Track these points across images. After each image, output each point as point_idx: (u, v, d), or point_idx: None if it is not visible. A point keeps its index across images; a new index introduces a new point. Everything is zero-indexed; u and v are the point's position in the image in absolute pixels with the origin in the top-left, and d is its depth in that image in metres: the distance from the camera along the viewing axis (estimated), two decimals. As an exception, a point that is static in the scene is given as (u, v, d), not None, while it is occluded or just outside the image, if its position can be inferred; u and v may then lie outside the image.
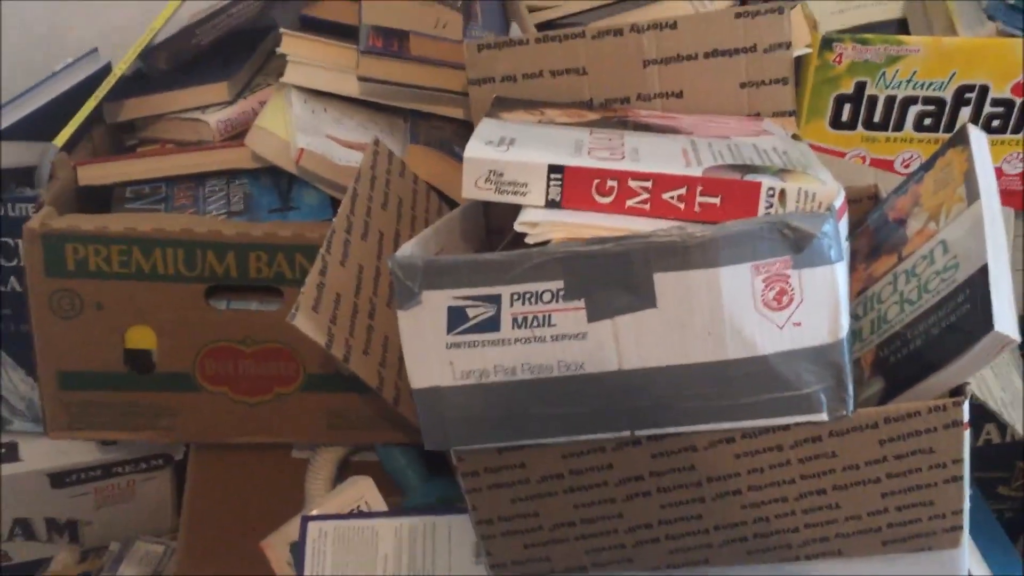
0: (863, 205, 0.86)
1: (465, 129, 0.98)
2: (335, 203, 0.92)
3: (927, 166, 0.76)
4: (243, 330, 0.87)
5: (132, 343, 0.87)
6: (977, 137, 0.73)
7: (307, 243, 0.85)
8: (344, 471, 0.93)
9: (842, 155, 0.94)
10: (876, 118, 0.92)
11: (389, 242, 0.81)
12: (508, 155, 0.69)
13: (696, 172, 0.68)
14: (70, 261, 0.83)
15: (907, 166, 0.94)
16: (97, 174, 0.95)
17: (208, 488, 0.94)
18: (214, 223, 0.87)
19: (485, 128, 0.75)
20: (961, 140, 0.73)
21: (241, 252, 0.85)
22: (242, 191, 0.95)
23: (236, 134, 1.01)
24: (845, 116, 0.92)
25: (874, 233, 0.79)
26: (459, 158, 0.92)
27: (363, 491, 0.89)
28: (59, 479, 1.01)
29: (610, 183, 0.69)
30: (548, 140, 0.74)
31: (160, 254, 0.84)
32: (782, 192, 0.66)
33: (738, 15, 0.83)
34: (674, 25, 0.83)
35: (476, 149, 0.70)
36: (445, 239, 0.77)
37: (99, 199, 0.96)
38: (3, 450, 1.00)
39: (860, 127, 0.93)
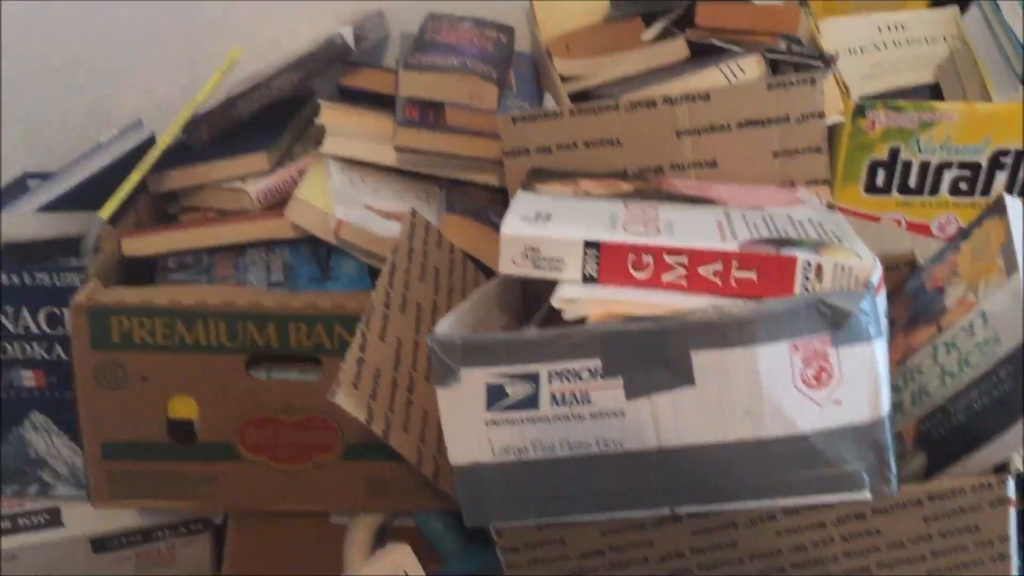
0: (900, 272, 0.86)
1: (500, 196, 0.99)
2: (373, 272, 0.94)
3: (964, 235, 0.76)
4: (283, 400, 0.88)
5: (175, 413, 0.88)
6: (1014, 207, 0.73)
7: (346, 314, 0.86)
8: (382, 537, 0.93)
9: (877, 219, 0.94)
10: (911, 183, 0.92)
11: (427, 314, 0.81)
12: (544, 231, 0.70)
13: (732, 247, 0.68)
14: (115, 333, 0.85)
15: (943, 230, 0.94)
16: (141, 245, 0.97)
17: (247, 554, 0.95)
18: (255, 294, 0.88)
19: (521, 202, 0.76)
20: (998, 210, 0.73)
21: (281, 323, 0.86)
22: (282, 260, 0.96)
23: (276, 202, 1.03)
24: (880, 181, 0.92)
25: (912, 301, 0.79)
26: (494, 226, 0.94)
27: (401, 558, 0.89)
28: (101, 544, 1.02)
29: (646, 258, 0.69)
30: (583, 214, 0.75)
31: (203, 326, 0.85)
32: (818, 267, 0.67)
33: (771, 86, 0.84)
34: (707, 96, 0.84)
35: (512, 225, 0.71)
36: (482, 311, 0.78)
37: (143, 268, 0.98)
38: (46, 516, 1.01)
39: (895, 192, 0.93)
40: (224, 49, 1.17)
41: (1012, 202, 0.73)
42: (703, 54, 0.95)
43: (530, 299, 0.89)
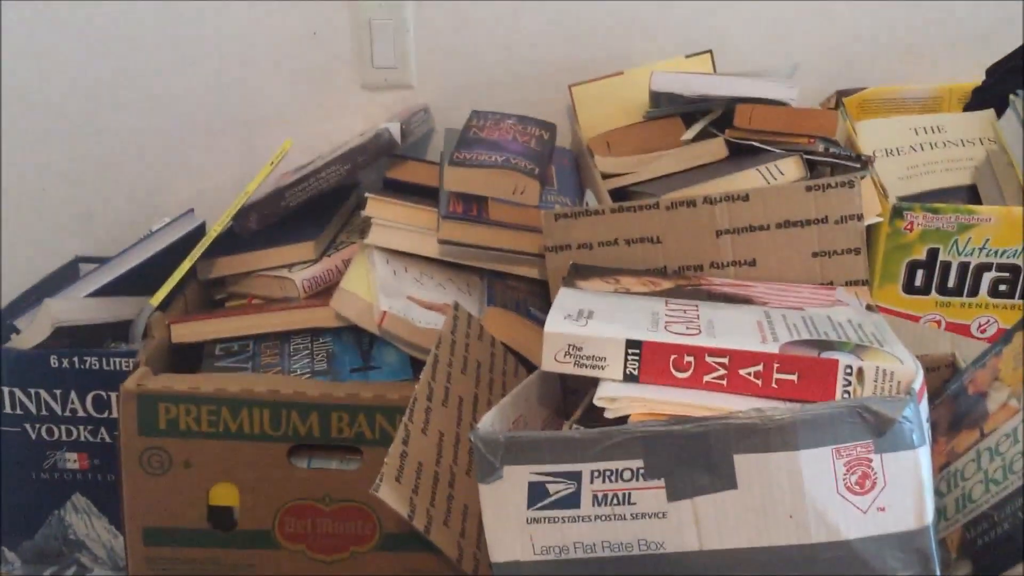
0: (941, 373, 0.86)
1: (540, 288, 1.01)
2: (415, 362, 0.95)
3: (1006, 339, 0.76)
4: (323, 489, 0.89)
5: (216, 500, 0.89)
6: (1056, 313, 0.73)
7: (388, 404, 0.87)
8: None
9: (917, 319, 0.94)
10: (950, 284, 0.93)
11: (469, 407, 0.82)
12: (587, 330, 0.72)
13: (772, 348, 0.69)
14: (162, 420, 0.87)
15: (983, 331, 0.94)
16: (189, 332, 0.99)
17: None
18: (299, 383, 0.90)
19: (563, 300, 0.78)
20: (1039, 316, 0.74)
21: (324, 412, 0.87)
22: (325, 349, 0.98)
23: (320, 291, 1.06)
24: (919, 281, 0.93)
25: (954, 405, 0.79)
26: (534, 319, 0.96)
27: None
28: (135, 628, 1.02)
29: (687, 359, 0.70)
30: (625, 312, 0.76)
31: (247, 414, 0.87)
32: (860, 370, 0.67)
33: (809, 188, 0.86)
34: (746, 197, 0.86)
35: (555, 324, 0.72)
36: (523, 406, 0.79)
37: (191, 353, 1.00)
38: (83, 598, 1.02)
39: (934, 292, 0.93)
40: (275, 141, 1.21)
41: (1053, 308, 0.74)
42: (742, 154, 0.97)
43: (568, 392, 0.89)
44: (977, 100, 1.09)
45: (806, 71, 1.15)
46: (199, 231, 1.13)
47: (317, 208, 1.12)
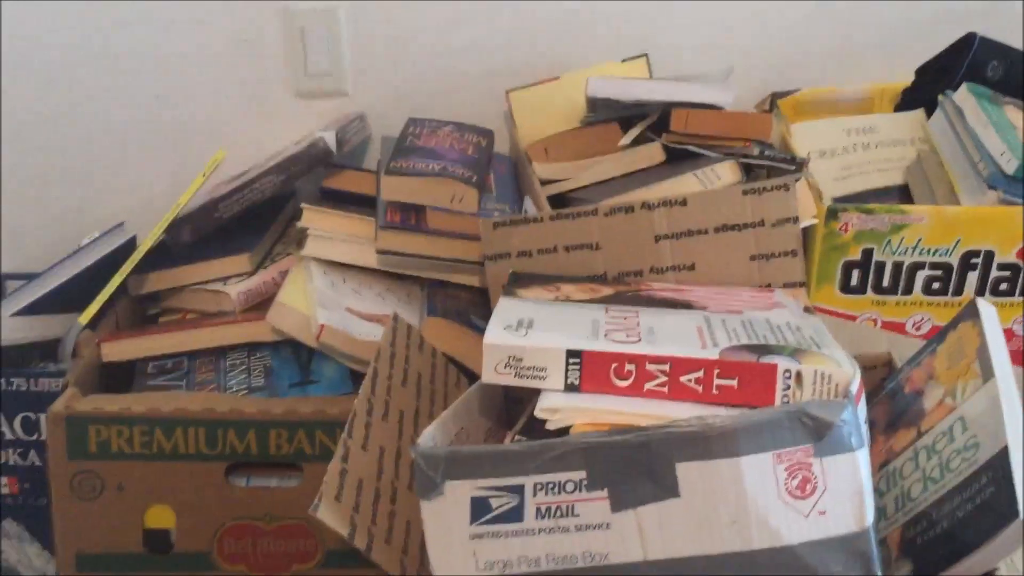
0: (878, 372, 0.87)
1: (480, 296, 1.00)
2: (354, 375, 0.94)
3: (940, 338, 0.77)
4: (263, 507, 0.87)
5: (152, 523, 0.86)
6: (987, 311, 0.74)
7: (327, 419, 0.86)
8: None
9: (853, 318, 0.95)
10: (885, 283, 0.94)
11: (410, 421, 0.81)
12: (527, 340, 0.71)
13: (712, 355, 0.69)
14: (92, 443, 0.84)
15: (918, 328, 0.95)
16: (120, 350, 0.96)
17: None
18: (235, 401, 0.88)
19: (503, 310, 0.77)
20: (971, 314, 0.75)
21: (262, 430, 0.85)
22: (263, 364, 0.96)
23: (256, 304, 1.03)
24: (854, 281, 0.94)
25: (891, 404, 0.80)
26: (475, 328, 0.95)
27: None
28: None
29: (628, 367, 0.70)
30: (565, 321, 0.75)
31: (182, 434, 0.85)
32: (798, 374, 0.67)
33: (745, 192, 0.86)
34: (684, 202, 0.86)
35: (495, 335, 0.71)
36: (464, 418, 0.78)
37: (123, 372, 0.97)
38: (14, 628, 0.99)
39: (870, 291, 0.94)
40: (206, 151, 1.19)
41: (985, 306, 0.75)
42: (679, 159, 0.97)
43: (511, 401, 0.89)
44: (907, 100, 1.10)
45: (740, 73, 1.16)
46: (129, 245, 1.10)
47: (252, 219, 1.10)
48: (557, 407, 0.69)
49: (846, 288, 0.94)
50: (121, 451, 0.84)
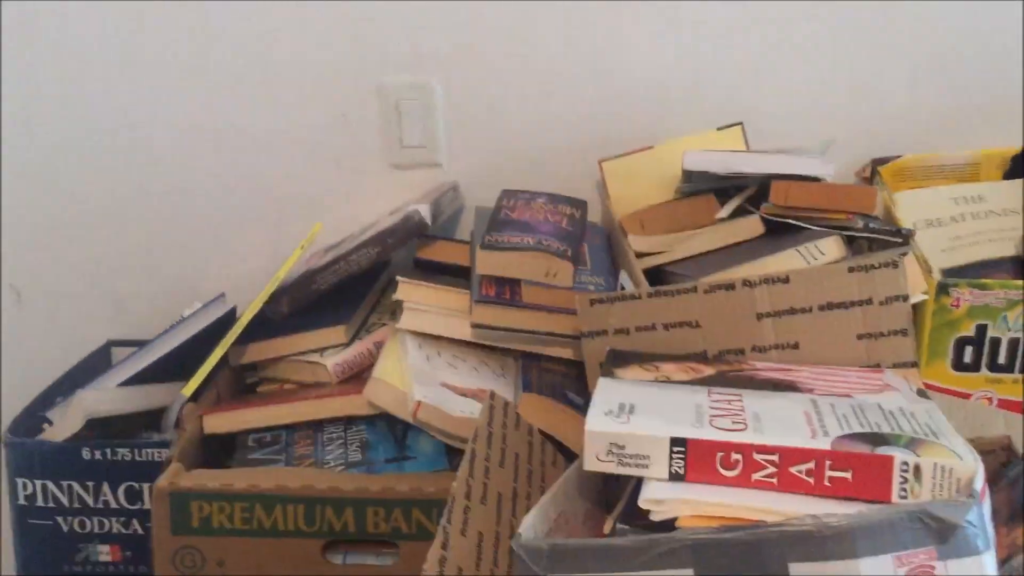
0: (996, 456, 0.83)
1: (575, 369, 0.99)
2: (450, 450, 0.93)
3: (1065, 426, 0.73)
4: (358, 585, 0.87)
5: (250, 599, 0.87)
6: (1117, 399, 0.70)
7: (424, 497, 0.85)
8: None
9: (967, 396, 0.91)
10: (1000, 360, 0.90)
11: (508, 503, 0.80)
12: (629, 427, 0.69)
13: (824, 445, 0.66)
14: (195, 518, 0.85)
15: (1037, 408, 0.91)
16: (221, 423, 0.98)
17: None
18: (333, 478, 0.88)
19: (602, 392, 0.76)
20: (1100, 402, 0.71)
21: (359, 508, 0.85)
22: (359, 439, 0.96)
23: (352, 375, 1.04)
24: (968, 358, 0.90)
25: (1012, 492, 0.76)
26: (571, 404, 0.94)
27: None
28: None
29: (735, 456, 0.67)
30: (667, 405, 0.74)
31: (281, 511, 0.85)
32: (917, 467, 0.64)
33: (851, 269, 0.83)
34: (787, 279, 0.84)
35: (597, 422, 0.70)
36: (563, 502, 0.76)
37: (224, 442, 0.99)
38: None
39: (984, 369, 0.90)
40: (303, 223, 1.22)
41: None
42: (778, 232, 0.95)
43: (609, 478, 0.87)
44: (1017, 167, 1.07)
45: (839, 139, 1.14)
46: (230, 316, 1.12)
47: (347, 290, 1.11)
48: (662, 498, 0.67)
49: (959, 365, 0.91)
50: (222, 527, 0.85)
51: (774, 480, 0.67)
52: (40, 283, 1.28)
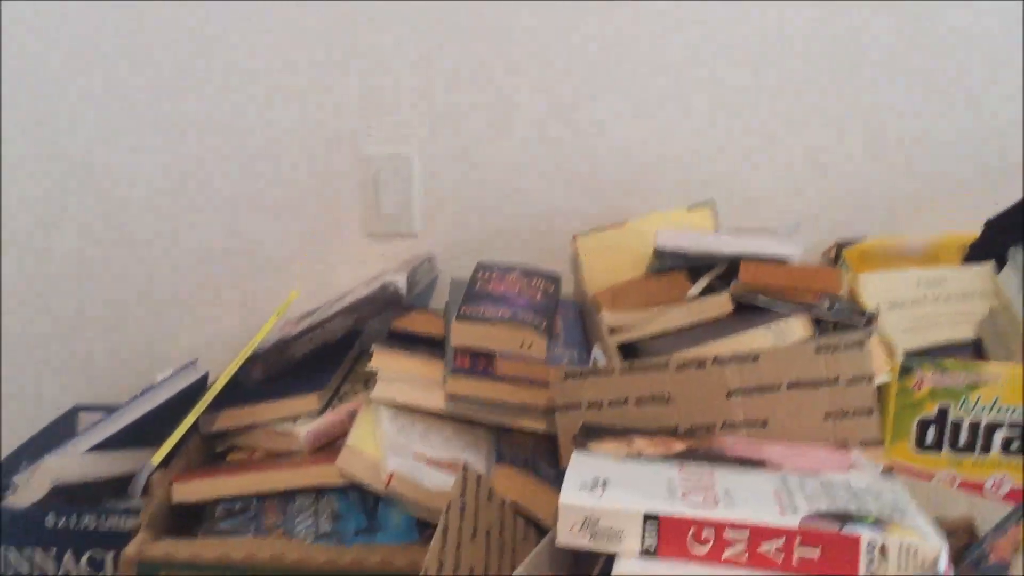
0: (958, 538, 0.84)
1: (548, 442, 1.00)
2: (421, 524, 0.93)
3: (1025, 507, 0.75)
4: (328, 658, 0.86)
5: (215, 673, 0.85)
6: (1075, 482, 0.72)
7: (394, 571, 0.85)
8: None
9: (930, 477, 0.93)
10: (961, 441, 0.92)
11: (480, 578, 0.80)
12: (603, 501, 0.70)
13: (793, 522, 0.68)
14: (162, 588, 0.84)
15: (998, 488, 0.93)
16: (191, 491, 0.97)
17: None
18: (304, 549, 0.88)
19: (577, 466, 0.77)
20: (1059, 484, 0.73)
21: (330, 580, 0.85)
22: (330, 509, 0.96)
23: (324, 444, 1.04)
24: (930, 439, 0.92)
25: (975, 573, 0.77)
26: (544, 477, 0.94)
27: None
28: None
29: (706, 532, 0.68)
30: (640, 481, 0.75)
31: (250, 582, 0.84)
32: (883, 547, 0.66)
33: (818, 349, 0.86)
34: (756, 358, 0.86)
35: (571, 495, 0.71)
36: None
37: (193, 510, 0.98)
38: None
39: (946, 449, 0.92)
40: (278, 287, 1.22)
41: (1072, 476, 0.73)
42: (748, 310, 0.98)
43: (582, 556, 0.87)
44: (976, 252, 1.10)
45: (806, 221, 1.17)
46: (202, 383, 1.12)
47: (321, 357, 1.12)
48: (634, 575, 0.68)
49: (922, 445, 0.93)
50: (190, 598, 0.84)
51: (744, 557, 0.68)
52: (6, 345, 1.27)
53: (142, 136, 1.21)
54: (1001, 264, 1.04)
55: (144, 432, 1.05)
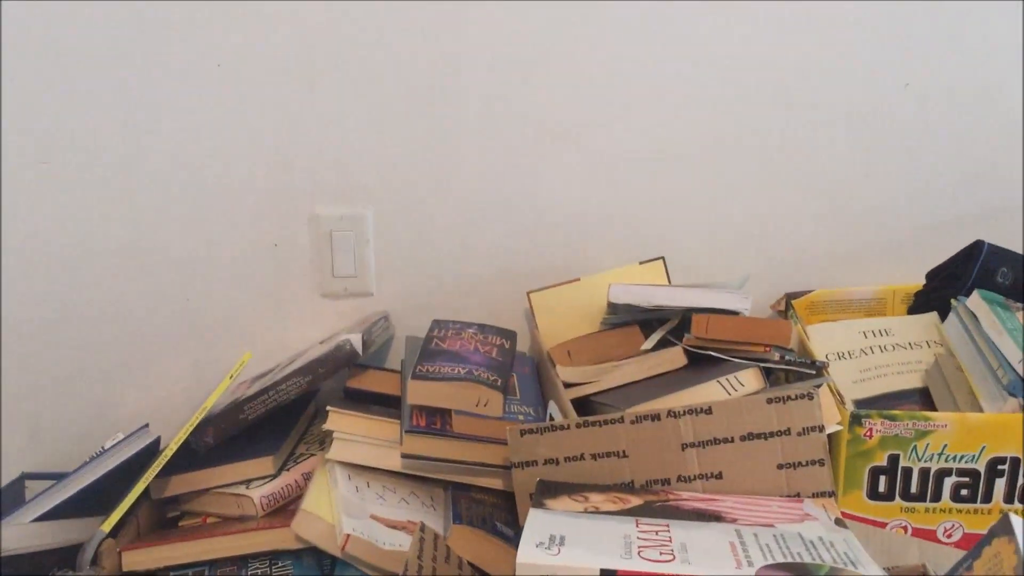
0: (913, 585, 0.85)
1: (504, 500, 1.00)
2: (378, 585, 0.92)
3: (975, 553, 0.76)
4: None
5: None
6: (1021, 527, 0.73)
7: (351, 636, 0.83)
8: None
9: (883, 525, 0.94)
10: (913, 489, 0.93)
11: (437, 640, 0.79)
12: (560, 559, 0.70)
13: (749, 575, 0.68)
14: (111, 662, 0.82)
15: (949, 536, 0.94)
16: (141, 559, 0.95)
17: None
18: (258, 616, 0.86)
19: (533, 524, 0.77)
20: (1005, 530, 0.74)
21: (284, 647, 0.83)
22: (285, 574, 0.94)
23: (278, 507, 1.03)
24: (882, 487, 0.94)
25: (930, 620, 0.78)
26: (501, 535, 0.94)
27: None
28: None
29: (664, 588, 0.69)
30: (597, 536, 0.75)
31: (202, 652, 0.82)
32: (838, 598, 0.66)
33: (770, 400, 0.87)
34: (709, 410, 0.87)
35: (528, 554, 0.71)
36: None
37: (143, 579, 0.96)
38: None
39: (898, 498, 0.94)
40: (231, 348, 1.21)
41: (1018, 521, 0.74)
42: (700, 362, 0.99)
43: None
44: (920, 303, 1.13)
45: (755, 274, 1.19)
46: (153, 447, 1.10)
47: (275, 419, 1.11)
48: (592, 634, 0.67)
49: (874, 494, 0.94)
50: (139, 671, 0.82)
51: (702, 616, 0.68)
52: (-48, 412, 1.24)
53: (89, 198, 1.19)
54: (944, 313, 1.07)
55: (94, 499, 1.03)
